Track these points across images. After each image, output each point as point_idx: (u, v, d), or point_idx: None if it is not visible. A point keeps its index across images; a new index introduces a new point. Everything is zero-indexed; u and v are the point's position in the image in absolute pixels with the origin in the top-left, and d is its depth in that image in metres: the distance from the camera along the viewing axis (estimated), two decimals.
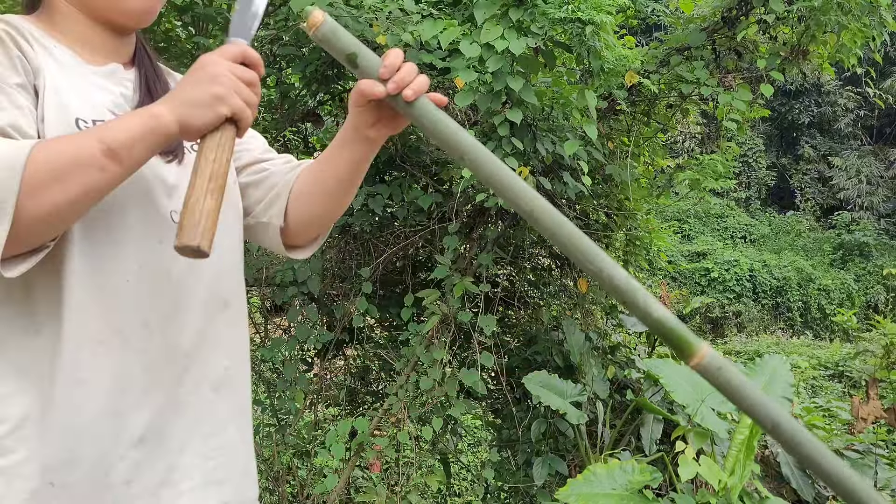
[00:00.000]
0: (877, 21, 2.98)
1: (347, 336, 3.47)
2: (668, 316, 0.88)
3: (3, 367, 0.90)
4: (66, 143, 0.83)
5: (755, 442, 2.55)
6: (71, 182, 0.81)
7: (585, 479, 2.54)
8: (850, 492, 0.87)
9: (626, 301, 0.89)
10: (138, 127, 0.86)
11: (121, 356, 0.94)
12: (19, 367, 0.91)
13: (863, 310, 16.72)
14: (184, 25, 3.28)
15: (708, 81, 2.99)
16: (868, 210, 20.24)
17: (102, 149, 0.83)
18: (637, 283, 0.90)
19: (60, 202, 0.81)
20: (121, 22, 1.05)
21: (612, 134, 3.33)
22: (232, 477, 1.07)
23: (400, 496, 3.09)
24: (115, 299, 0.94)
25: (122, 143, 0.84)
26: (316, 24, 0.89)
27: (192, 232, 0.83)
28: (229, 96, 0.88)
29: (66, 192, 0.81)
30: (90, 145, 0.83)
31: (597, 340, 3.52)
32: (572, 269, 3.64)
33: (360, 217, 3.24)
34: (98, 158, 0.83)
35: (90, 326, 0.92)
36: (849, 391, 9.03)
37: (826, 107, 21.52)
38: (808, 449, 0.86)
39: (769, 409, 0.86)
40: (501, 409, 3.64)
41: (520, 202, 0.91)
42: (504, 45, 2.40)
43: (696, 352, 0.87)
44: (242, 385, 1.12)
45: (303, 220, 1.21)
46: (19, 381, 0.90)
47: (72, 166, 0.81)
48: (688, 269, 16.78)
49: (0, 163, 0.78)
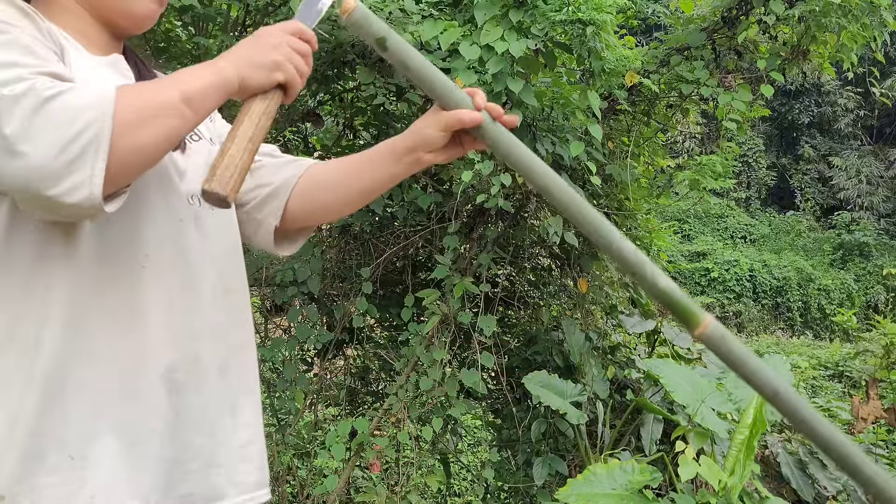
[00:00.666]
0: (877, 21, 2.98)
1: (347, 336, 3.46)
2: (674, 287, 0.93)
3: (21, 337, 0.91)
4: (147, 89, 0.88)
5: (755, 442, 2.55)
6: (155, 125, 0.85)
7: (585, 479, 2.54)
8: (844, 457, 0.90)
9: (634, 273, 0.94)
10: (210, 78, 0.90)
11: (134, 333, 0.96)
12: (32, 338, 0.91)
13: (863, 310, 16.71)
14: (184, 25, 3.27)
15: (708, 82, 2.98)
16: (868, 210, 20.24)
17: (181, 96, 0.87)
18: (644, 256, 0.96)
19: (146, 143, 0.84)
20: (123, 25, 1.07)
21: (612, 134, 3.33)
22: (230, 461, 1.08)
23: (400, 496, 3.10)
24: (133, 276, 0.96)
25: (196, 91, 0.89)
26: (348, 9, 0.96)
27: (224, 181, 0.88)
28: (286, 64, 0.95)
29: (151, 135, 0.85)
30: (170, 92, 0.87)
31: (597, 340, 3.52)
32: (572, 268, 3.64)
33: (360, 217, 3.24)
34: (177, 104, 0.87)
35: (105, 301, 0.94)
36: (849, 391, 9.03)
37: (826, 107, 21.52)
38: (804, 415, 0.89)
39: (769, 378, 0.90)
40: (501, 409, 3.64)
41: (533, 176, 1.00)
42: (504, 46, 2.40)
43: (700, 321, 0.91)
44: (250, 371, 1.14)
45: (304, 219, 1.22)
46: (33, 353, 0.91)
47: (155, 110, 0.85)
48: (688, 269, 16.78)
49: (91, 102, 0.81)
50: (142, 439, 0.96)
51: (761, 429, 2.57)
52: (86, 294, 0.93)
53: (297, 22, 1.00)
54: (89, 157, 0.80)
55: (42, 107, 0.79)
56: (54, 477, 0.89)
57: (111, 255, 0.95)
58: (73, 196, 0.80)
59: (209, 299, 1.05)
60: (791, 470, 3.18)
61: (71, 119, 0.79)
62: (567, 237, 3.04)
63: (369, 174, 1.16)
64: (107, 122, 0.80)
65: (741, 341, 3.55)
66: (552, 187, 0.99)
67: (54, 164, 0.79)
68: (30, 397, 0.89)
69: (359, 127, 3.54)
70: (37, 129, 0.78)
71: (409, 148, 1.10)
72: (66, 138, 0.79)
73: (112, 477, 0.93)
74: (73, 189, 0.80)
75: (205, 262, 1.05)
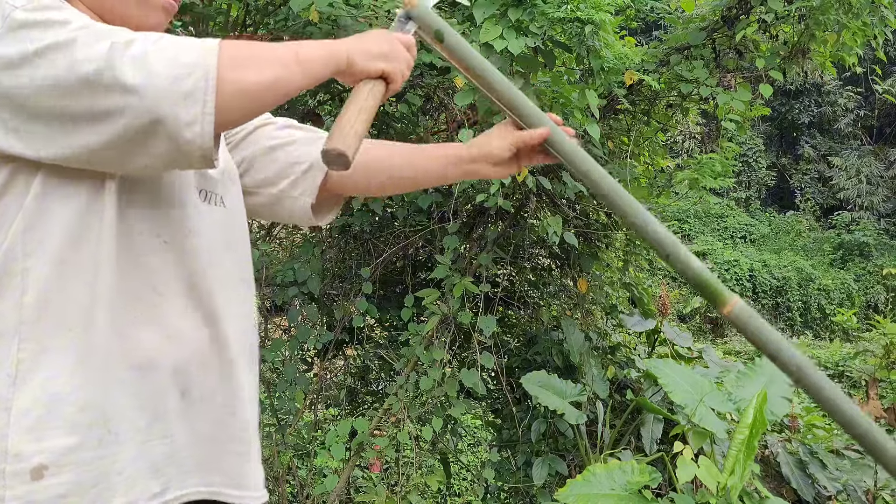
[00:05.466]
0: (877, 19, 2.98)
1: (347, 336, 3.46)
2: (705, 269, 1.01)
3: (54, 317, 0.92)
4: (257, 43, 0.95)
5: (756, 442, 2.55)
6: (266, 68, 0.90)
7: (585, 479, 2.53)
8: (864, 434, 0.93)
9: (668, 254, 1.00)
10: (322, 48, 0.97)
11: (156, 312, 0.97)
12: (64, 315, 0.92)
13: (863, 310, 16.69)
14: (184, 25, 3.27)
15: (707, 81, 2.98)
16: (868, 210, 20.22)
17: (294, 55, 0.93)
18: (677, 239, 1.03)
19: (251, 85, 0.88)
20: None
21: (611, 133, 3.33)
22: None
23: (400, 496, 3.09)
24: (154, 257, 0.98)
25: (309, 55, 0.95)
26: (412, 3, 1.07)
27: (344, 140, 0.94)
28: (393, 59, 1.03)
29: (261, 75, 0.89)
30: (284, 49, 0.94)
31: (597, 340, 3.52)
32: (572, 268, 3.64)
33: (360, 217, 3.24)
34: (290, 59, 0.93)
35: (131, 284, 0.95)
36: (849, 391, 9.02)
37: (826, 107, 21.51)
38: (828, 393, 0.93)
39: (793, 356, 0.95)
40: (501, 409, 3.64)
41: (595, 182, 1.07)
42: (503, 44, 2.40)
43: (727, 301, 0.98)
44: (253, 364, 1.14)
45: (339, 193, 1.26)
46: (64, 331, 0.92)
47: (267, 56, 0.91)
48: None
49: (195, 46, 0.86)
50: (165, 418, 0.97)
51: (761, 429, 2.57)
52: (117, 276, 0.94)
53: (408, 36, 1.08)
54: (199, 93, 0.84)
55: (152, 49, 0.83)
56: (95, 451, 0.90)
57: (136, 235, 0.96)
58: (189, 131, 0.84)
59: (227, 287, 1.06)
60: (791, 470, 3.18)
61: (179, 58, 0.84)
62: (567, 237, 3.03)
63: (423, 171, 1.22)
64: (212, 61, 0.85)
65: (741, 341, 3.54)
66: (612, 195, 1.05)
67: (171, 93, 0.83)
68: (78, 374, 0.90)
69: None
70: (151, 68, 0.82)
71: (474, 158, 1.17)
72: (178, 74, 0.83)
73: (138, 453, 0.94)
74: (190, 123, 0.84)
75: (221, 250, 1.06)
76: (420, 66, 2.93)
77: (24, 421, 0.87)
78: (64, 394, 0.89)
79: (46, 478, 0.87)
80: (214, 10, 3.14)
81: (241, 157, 1.21)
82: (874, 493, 3.15)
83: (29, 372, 0.89)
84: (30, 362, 0.89)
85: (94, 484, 0.90)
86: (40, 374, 0.89)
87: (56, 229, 0.91)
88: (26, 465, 0.86)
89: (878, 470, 3.25)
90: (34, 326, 0.89)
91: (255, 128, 1.22)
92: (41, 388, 0.88)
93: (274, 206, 1.23)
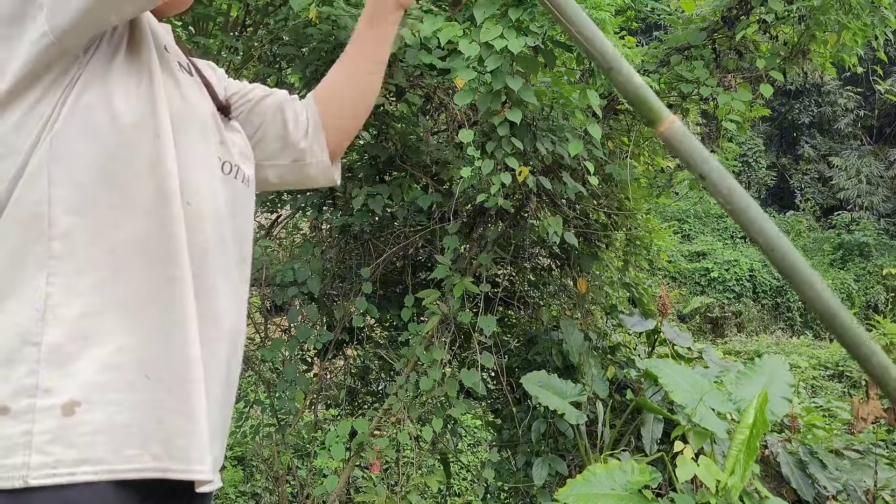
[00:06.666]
0: (877, 19, 2.97)
1: (347, 336, 3.46)
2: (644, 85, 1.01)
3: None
4: None
5: (757, 442, 2.55)
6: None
7: (585, 479, 2.53)
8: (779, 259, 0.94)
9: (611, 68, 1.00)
10: None
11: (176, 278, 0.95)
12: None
13: (863, 310, 16.70)
14: (184, 25, 3.27)
15: (708, 81, 2.98)
16: (868, 210, 20.22)
17: None
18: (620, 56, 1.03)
19: None
20: (168, 12, 1.17)
21: (612, 134, 3.33)
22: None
23: (400, 496, 3.09)
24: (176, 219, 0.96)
25: None
26: None
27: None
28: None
29: None
30: None
31: (596, 340, 3.52)
32: (572, 268, 3.64)
33: (360, 217, 3.24)
34: None
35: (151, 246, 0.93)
36: (849, 391, 9.03)
37: (826, 107, 21.50)
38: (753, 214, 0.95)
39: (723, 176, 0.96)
40: (501, 409, 3.64)
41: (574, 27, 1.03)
42: (503, 44, 2.40)
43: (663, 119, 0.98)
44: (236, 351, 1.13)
45: (338, 145, 1.29)
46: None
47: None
48: (688, 268, 16.77)
49: None
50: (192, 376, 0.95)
51: (763, 429, 2.57)
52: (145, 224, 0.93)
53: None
54: None
55: None
56: (128, 394, 0.88)
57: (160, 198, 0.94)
58: None
59: (232, 262, 1.05)
60: (791, 470, 3.18)
61: None
62: (567, 237, 3.03)
63: (363, 62, 1.25)
64: None
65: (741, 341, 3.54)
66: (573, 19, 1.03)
67: None
68: (111, 316, 0.89)
69: None
70: None
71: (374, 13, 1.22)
72: None
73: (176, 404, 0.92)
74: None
75: (230, 223, 1.05)
76: (420, 66, 2.93)
77: (56, 356, 0.85)
78: (98, 332, 0.87)
79: (78, 414, 0.84)
80: (214, 10, 3.14)
81: (254, 127, 1.23)
82: (874, 493, 3.15)
83: (59, 307, 0.86)
84: (59, 297, 0.86)
85: (126, 426, 0.87)
86: (72, 309, 0.86)
87: (88, 161, 0.90)
88: (57, 401, 0.84)
89: (877, 470, 3.25)
90: (62, 261, 0.87)
91: (261, 98, 1.24)
92: (72, 324, 0.86)
93: (297, 169, 1.26)
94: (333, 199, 3.45)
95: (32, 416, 0.83)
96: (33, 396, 0.83)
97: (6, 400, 0.83)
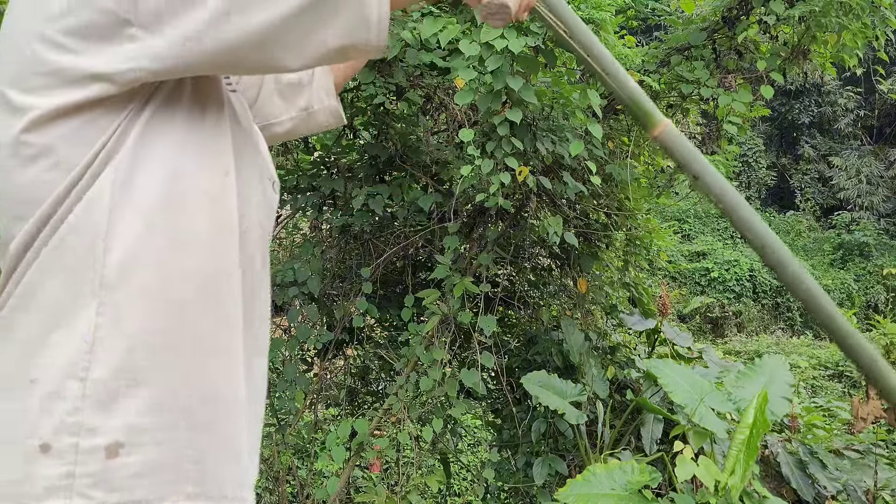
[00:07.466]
0: (878, 20, 2.97)
1: (347, 336, 3.46)
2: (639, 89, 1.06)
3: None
4: None
5: (757, 442, 2.55)
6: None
7: (585, 479, 2.54)
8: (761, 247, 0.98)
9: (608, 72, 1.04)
10: None
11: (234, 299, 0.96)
12: None
13: (863, 310, 16.70)
14: None
15: (708, 82, 2.98)
16: (868, 210, 20.21)
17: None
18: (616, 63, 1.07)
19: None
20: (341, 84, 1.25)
21: (612, 134, 3.32)
22: None
23: (400, 496, 3.09)
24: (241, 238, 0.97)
25: None
26: None
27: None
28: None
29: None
30: None
31: (596, 340, 3.52)
32: (572, 268, 3.64)
33: (360, 217, 3.24)
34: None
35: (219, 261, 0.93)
36: (849, 391, 9.03)
37: (826, 107, 21.50)
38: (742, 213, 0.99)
39: (717, 178, 1.00)
40: (501, 409, 3.64)
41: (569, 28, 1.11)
42: (503, 44, 2.40)
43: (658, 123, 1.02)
44: None
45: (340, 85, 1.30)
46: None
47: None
48: (688, 268, 16.76)
49: None
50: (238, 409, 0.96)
51: (763, 429, 2.57)
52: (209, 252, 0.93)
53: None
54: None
55: None
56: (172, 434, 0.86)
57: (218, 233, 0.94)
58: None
59: (268, 278, 1.06)
60: (791, 470, 3.18)
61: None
62: (567, 237, 3.03)
63: None
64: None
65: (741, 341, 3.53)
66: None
67: None
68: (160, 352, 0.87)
69: (359, 126, 3.54)
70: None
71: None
72: None
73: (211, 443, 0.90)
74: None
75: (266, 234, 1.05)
76: (420, 66, 2.93)
77: (101, 394, 0.80)
78: (145, 370, 0.83)
79: (122, 456, 0.80)
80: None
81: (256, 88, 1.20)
82: (874, 493, 3.15)
83: (107, 339, 0.81)
84: (108, 329, 0.82)
85: (170, 466, 0.84)
86: (120, 343, 0.82)
87: (152, 195, 0.85)
88: (101, 441, 0.80)
89: (877, 471, 3.25)
90: (115, 291, 0.82)
91: None
92: (120, 360, 0.82)
93: (306, 119, 1.24)
94: (333, 199, 3.45)
95: (75, 457, 0.79)
96: (76, 435, 0.79)
97: (48, 437, 0.79)
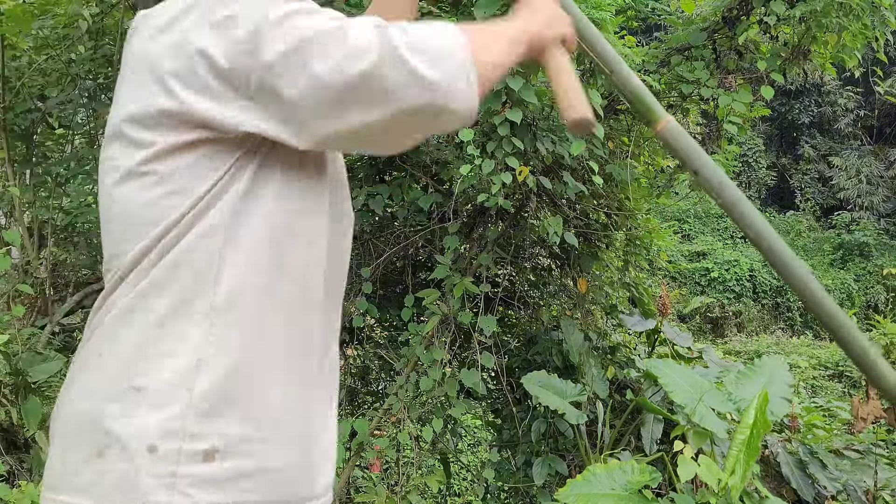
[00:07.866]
0: (878, 20, 2.97)
1: (347, 336, 3.46)
2: (643, 86, 1.08)
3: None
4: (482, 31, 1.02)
5: (758, 443, 2.55)
6: (496, 55, 1.00)
7: (585, 479, 2.54)
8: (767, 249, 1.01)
9: (612, 70, 1.07)
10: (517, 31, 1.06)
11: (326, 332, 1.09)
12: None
13: (863, 310, 16.70)
14: None
15: (708, 82, 2.98)
16: (868, 210, 20.20)
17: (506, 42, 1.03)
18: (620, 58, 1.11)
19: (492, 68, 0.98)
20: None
21: (612, 134, 3.33)
22: None
23: (400, 496, 3.09)
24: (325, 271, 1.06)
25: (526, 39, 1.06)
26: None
27: (587, 107, 1.00)
28: (560, 19, 1.10)
29: (499, 57, 1.00)
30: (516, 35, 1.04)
31: (596, 340, 3.52)
32: (572, 268, 3.64)
33: (360, 217, 3.24)
34: (519, 43, 1.04)
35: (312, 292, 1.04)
36: (849, 391, 9.03)
37: (826, 107, 21.49)
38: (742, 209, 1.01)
39: (716, 171, 1.03)
40: (501, 409, 3.64)
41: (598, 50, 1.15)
42: None
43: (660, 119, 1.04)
44: None
45: None
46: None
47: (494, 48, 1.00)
48: (688, 268, 16.77)
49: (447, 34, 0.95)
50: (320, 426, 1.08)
51: (764, 430, 2.57)
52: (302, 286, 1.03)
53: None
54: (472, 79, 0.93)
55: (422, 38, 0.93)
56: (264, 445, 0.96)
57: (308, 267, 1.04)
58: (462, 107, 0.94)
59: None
60: (791, 470, 3.18)
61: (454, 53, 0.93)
62: (567, 237, 3.03)
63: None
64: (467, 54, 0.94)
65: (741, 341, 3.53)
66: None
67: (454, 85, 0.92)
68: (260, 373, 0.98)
69: None
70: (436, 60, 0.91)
71: None
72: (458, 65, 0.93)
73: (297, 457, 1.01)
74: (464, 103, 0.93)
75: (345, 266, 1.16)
76: None
77: (204, 404, 0.91)
78: (242, 387, 0.94)
79: (217, 461, 0.91)
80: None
81: None
82: (874, 493, 3.15)
83: (213, 357, 0.92)
84: (215, 348, 0.93)
85: (259, 474, 0.94)
86: (223, 360, 0.93)
87: (261, 233, 0.96)
88: (200, 447, 0.90)
89: (877, 471, 3.25)
90: (222, 316, 0.94)
91: None
92: (222, 376, 0.93)
93: None
94: None
95: (178, 458, 0.90)
96: (181, 440, 0.90)
97: (155, 439, 0.90)
